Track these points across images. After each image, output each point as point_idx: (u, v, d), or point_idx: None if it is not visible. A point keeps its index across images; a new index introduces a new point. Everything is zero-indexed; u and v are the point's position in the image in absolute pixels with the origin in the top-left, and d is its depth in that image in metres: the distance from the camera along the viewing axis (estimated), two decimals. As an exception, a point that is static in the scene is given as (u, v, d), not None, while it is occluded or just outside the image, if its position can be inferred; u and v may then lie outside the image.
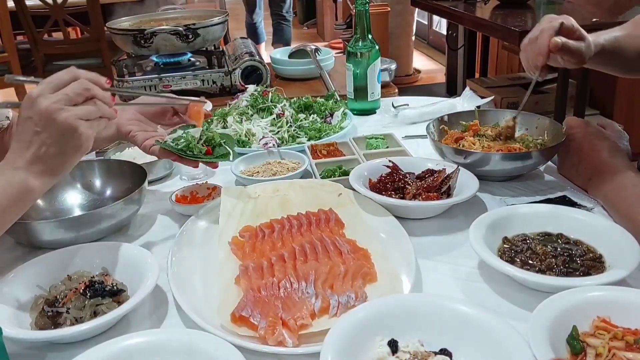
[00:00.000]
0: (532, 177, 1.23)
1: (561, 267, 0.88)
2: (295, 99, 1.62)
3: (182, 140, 1.05)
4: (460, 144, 1.26)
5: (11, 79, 0.92)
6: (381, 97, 1.70)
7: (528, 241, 0.95)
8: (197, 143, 1.05)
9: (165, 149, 1.04)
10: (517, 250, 0.93)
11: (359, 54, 1.61)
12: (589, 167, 1.12)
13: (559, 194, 1.14)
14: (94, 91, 0.84)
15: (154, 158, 1.21)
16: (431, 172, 1.15)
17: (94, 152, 1.41)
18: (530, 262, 0.90)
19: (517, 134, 1.28)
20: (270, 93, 1.59)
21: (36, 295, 0.87)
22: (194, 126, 1.09)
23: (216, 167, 1.11)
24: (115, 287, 0.87)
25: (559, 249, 0.92)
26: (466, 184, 1.10)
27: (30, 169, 0.82)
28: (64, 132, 0.81)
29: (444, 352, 0.72)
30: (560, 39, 1.09)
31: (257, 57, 1.98)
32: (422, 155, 1.34)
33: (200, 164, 1.08)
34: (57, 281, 0.90)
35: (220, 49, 2.20)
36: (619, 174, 1.05)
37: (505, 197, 1.15)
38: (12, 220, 0.84)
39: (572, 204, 1.09)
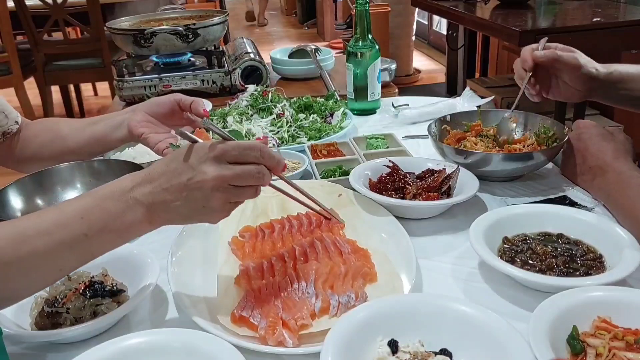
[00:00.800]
0: (532, 177, 1.23)
1: (561, 267, 0.88)
2: (295, 99, 1.62)
3: None
4: (462, 144, 1.26)
5: (207, 124, 0.78)
6: (381, 97, 1.70)
7: (528, 241, 0.95)
8: None
9: None
10: (517, 250, 0.93)
11: (359, 54, 1.61)
12: (594, 167, 1.12)
13: (559, 194, 1.14)
14: (263, 181, 0.77)
15: (154, 158, 1.21)
16: (431, 172, 1.15)
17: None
18: (530, 262, 0.90)
19: (520, 135, 1.28)
20: (270, 93, 1.59)
21: (36, 295, 0.87)
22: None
23: None
24: (115, 287, 0.87)
25: (559, 249, 0.92)
26: (466, 184, 1.10)
27: (152, 211, 0.74)
28: (205, 205, 0.74)
29: (444, 352, 0.72)
30: (540, 49, 1.16)
31: (257, 57, 1.98)
32: (422, 155, 1.34)
33: None
34: (57, 281, 0.90)
35: (220, 49, 2.20)
36: (624, 174, 1.05)
37: (505, 197, 1.15)
38: (113, 247, 0.77)
39: (572, 204, 1.09)
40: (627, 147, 1.13)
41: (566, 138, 1.19)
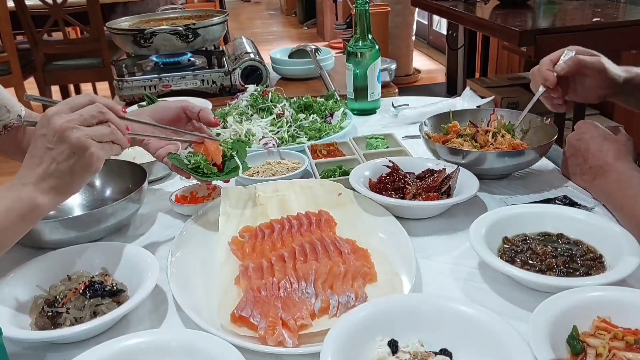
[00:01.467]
0: (532, 177, 1.23)
1: (561, 267, 0.88)
2: (295, 99, 1.62)
3: (193, 159, 1.05)
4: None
5: (30, 98, 0.90)
6: (381, 97, 1.70)
7: (528, 241, 0.95)
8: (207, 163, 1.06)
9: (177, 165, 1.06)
10: (517, 250, 0.93)
11: (359, 54, 1.61)
12: (594, 167, 1.12)
13: (559, 194, 1.14)
14: (109, 116, 0.86)
15: (154, 158, 1.21)
16: (431, 172, 1.15)
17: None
18: (530, 262, 0.90)
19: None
20: (270, 93, 1.59)
21: (36, 295, 0.87)
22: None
23: (227, 182, 1.11)
24: (115, 287, 0.87)
25: (559, 249, 0.92)
26: (466, 184, 1.10)
27: (40, 185, 0.82)
28: (75, 150, 0.82)
29: (444, 352, 0.72)
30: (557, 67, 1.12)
31: (257, 57, 1.98)
32: (422, 155, 1.33)
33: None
34: (57, 281, 0.90)
35: (220, 49, 2.20)
36: (625, 174, 1.05)
37: (505, 197, 1.15)
38: (18, 237, 0.84)
39: (572, 204, 1.09)
40: (628, 147, 1.13)
41: (556, 136, 1.18)
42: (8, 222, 0.80)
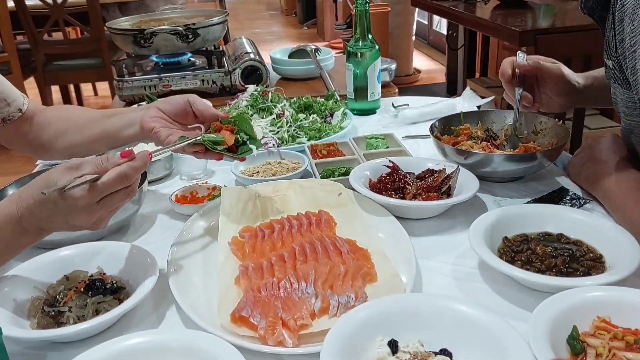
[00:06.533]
0: (533, 178, 1.23)
1: (561, 267, 0.88)
2: (295, 99, 1.62)
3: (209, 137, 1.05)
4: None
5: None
6: (381, 97, 1.70)
7: (528, 241, 0.95)
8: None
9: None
10: (517, 250, 0.93)
11: (359, 54, 1.61)
12: (595, 166, 1.11)
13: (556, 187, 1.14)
14: (133, 194, 0.86)
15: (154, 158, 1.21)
16: (431, 172, 1.15)
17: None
18: (530, 262, 0.90)
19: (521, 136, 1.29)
20: (270, 93, 1.59)
21: (33, 296, 0.87)
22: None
23: (244, 159, 1.10)
24: (115, 285, 0.87)
25: (559, 249, 0.92)
26: (466, 184, 1.10)
27: (40, 234, 0.86)
28: (95, 226, 0.85)
29: (444, 352, 0.72)
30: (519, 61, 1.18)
31: (257, 57, 1.98)
32: (422, 155, 1.34)
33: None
34: (55, 281, 0.90)
35: (220, 49, 2.20)
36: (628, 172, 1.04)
37: (499, 199, 1.15)
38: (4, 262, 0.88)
39: (572, 198, 1.09)
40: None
41: (567, 140, 1.18)
42: (5, 252, 0.85)
